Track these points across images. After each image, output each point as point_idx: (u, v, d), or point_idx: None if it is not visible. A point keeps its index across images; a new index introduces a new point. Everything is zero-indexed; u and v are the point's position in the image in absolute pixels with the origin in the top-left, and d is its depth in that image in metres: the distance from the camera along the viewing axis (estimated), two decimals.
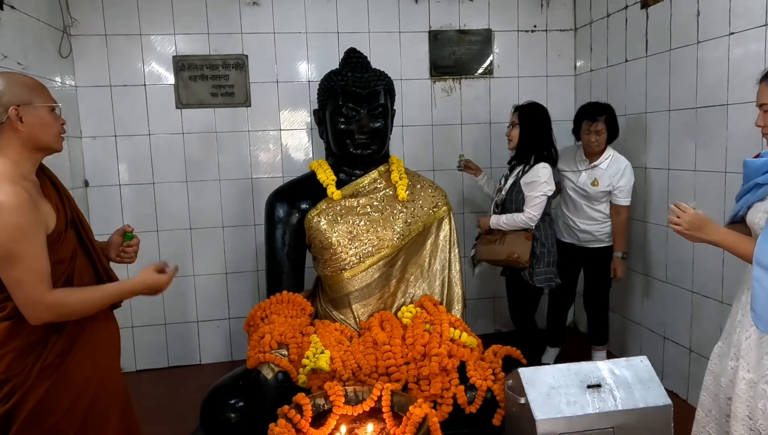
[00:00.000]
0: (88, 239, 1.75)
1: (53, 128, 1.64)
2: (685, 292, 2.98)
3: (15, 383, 1.57)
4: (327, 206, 2.66)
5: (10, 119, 1.54)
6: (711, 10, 2.67)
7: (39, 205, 1.56)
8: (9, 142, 1.56)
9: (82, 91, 3.48)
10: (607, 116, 3.06)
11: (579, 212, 3.22)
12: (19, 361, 1.57)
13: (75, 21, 3.41)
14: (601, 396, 1.96)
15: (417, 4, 3.78)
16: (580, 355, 3.32)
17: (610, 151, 3.13)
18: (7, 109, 1.54)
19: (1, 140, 1.56)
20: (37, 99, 1.60)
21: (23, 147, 1.58)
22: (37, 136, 1.59)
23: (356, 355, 2.36)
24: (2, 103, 1.54)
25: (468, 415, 2.26)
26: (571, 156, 3.26)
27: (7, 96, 1.55)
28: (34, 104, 1.59)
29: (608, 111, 3.09)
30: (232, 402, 2.21)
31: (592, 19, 3.74)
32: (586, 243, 3.24)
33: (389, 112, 2.77)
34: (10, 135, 1.56)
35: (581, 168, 3.18)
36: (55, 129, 1.65)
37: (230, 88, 3.64)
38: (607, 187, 3.09)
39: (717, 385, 1.85)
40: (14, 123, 1.54)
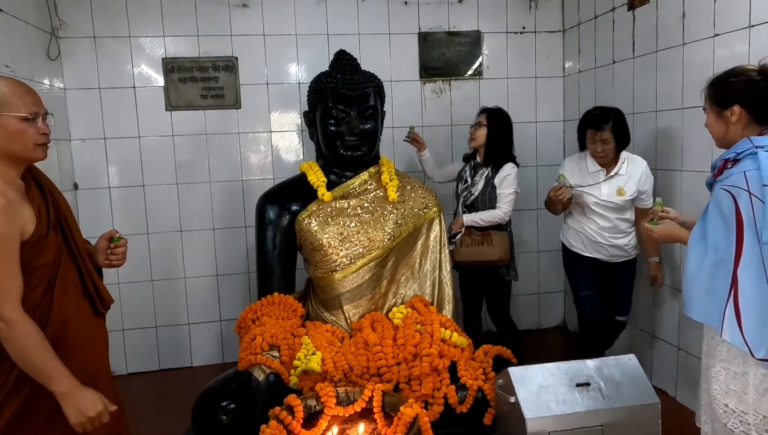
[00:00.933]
0: (74, 243, 1.73)
1: (24, 138, 1.57)
2: (674, 290, 3.01)
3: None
4: (317, 208, 2.67)
5: None
6: (696, 12, 2.70)
7: (18, 210, 1.54)
8: None
9: (71, 94, 3.47)
10: (615, 123, 2.77)
11: (610, 227, 2.89)
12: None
13: (63, 23, 3.39)
14: (590, 394, 1.98)
15: (406, 5, 3.79)
16: (570, 354, 3.35)
17: (623, 153, 2.88)
18: None
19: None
20: (6, 109, 1.54)
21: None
22: (5, 146, 1.55)
23: (347, 356, 2.36)
24: None
25: (459, 414, 2.27)
26: (581, 169, 2.94)
27: None
28: (1, 114, 1.54)
29: (615, 117, 2.80)
30: (224, 404, 2.20)
31: (580, 21, 3.77)
32: (613, 258, 2.96)
33: (379, 114, 2.78)
34: None
35: (599, 179, 2.87)
36: (27, 139, 1.58)
37: (220, 90, 3.64)
38: (634, 194, 2.83)
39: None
40: None
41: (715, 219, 1.68)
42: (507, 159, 3.15)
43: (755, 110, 1.74)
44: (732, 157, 1.71)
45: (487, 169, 3.14)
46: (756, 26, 2.36)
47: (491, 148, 3.14)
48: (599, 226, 2.90)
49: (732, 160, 1.71)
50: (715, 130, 1.85)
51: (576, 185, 2.91)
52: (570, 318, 4.20)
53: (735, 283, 1.60)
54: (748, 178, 1.61)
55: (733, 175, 1.66)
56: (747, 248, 1.58)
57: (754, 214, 1.58)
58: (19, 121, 1.56)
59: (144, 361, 3.69)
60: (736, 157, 1.70)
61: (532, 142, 4.05)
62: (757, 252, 1.57)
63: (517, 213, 3.96)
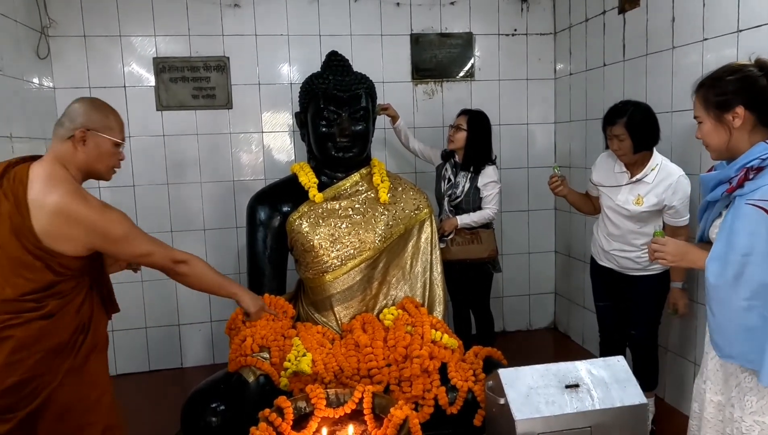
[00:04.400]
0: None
1: (109, 161, 1.78)
2: None
3: (41, 383, 1.62)
4: (309, 209, 2.67)
5: (75, 138, 1.69)
6: (685, 17, 2.72)
7: None
8: (70, 157, 1.71)
9: (61, 93, 3.44)
10: (630, 118, 2.49)
11: (618, 236, 2.63)
12: (46, 361, 1.63)
13: (53, 22, 3.37)
14: (579, 396, 1.99)
15: (399, 7, 3.80)
16: (560, 356, 3.37)
17: (657, 159, 2.53)
18: (77, 128, 1.69)
19: (66, 153, 1.70)
20: (106, 131, 1.75)
21: (78, 166, 1.72)
22: (91, 162, 1.74)
23: (338, 358, 2.36)
24: (76, 122, 1.70)
25: (449, 415, 2.28)
26: (609, 167, 2.69)
27: (82, 118, 1.71)
28: (102, 134, 1.73)
29: (634, 111, 2.51)
30: (213, 406, 2.20)
31: (571, 24, 3.79)
32: (625, 270, 2.67)
33: (370, 115, 2.79)
34: (72, 152, 1.71)
35: (622, 182, 2.59)
36: (111, 162, 1.79)
37: (211, 90, 3.63)
38: (654, 207, 2.49)
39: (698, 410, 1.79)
40: (77, 143, 1.70)
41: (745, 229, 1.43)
42: (486, 161, 3.19)
43: (760, 110, 1.51)
44: (756, 164, 1.45)
45: (468, 173, 3.17)
46: (744, 31, 2.38)
47: (471, 151, 3.17)
48: (607, 232, 2.68)
49: (756, 168, 1.46)
50: (714, 140, 1.58)
51: (599, 184, 2.71)
52: (560, 319, 4.22)
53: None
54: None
55: (763, 188, 1.42)
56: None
57: None
58: (113, 145, 1.77)
59: (134, 362, 3.67)
60: (760, 165, 1.45)
61: (523, 144, 4.07)
62: None
63: (507, 214, 3.99)
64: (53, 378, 1.64)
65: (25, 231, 1.59)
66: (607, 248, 2.70)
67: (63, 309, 1.66)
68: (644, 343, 2.73)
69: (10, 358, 1.59)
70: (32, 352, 1.61)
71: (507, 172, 3.87)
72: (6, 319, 1.59)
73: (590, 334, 3.73)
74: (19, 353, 1.60)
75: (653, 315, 2.65)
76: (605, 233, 2.70)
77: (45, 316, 1.63)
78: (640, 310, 2.68)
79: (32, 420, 1.63)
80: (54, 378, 1.64)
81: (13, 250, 1.59)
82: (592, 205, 2.87)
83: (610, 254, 2.69)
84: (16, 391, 1.60)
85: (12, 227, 1.59)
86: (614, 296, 2.78)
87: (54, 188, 1.62)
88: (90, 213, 1.63)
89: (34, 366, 1.61)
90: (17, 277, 1.60)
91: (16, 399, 1.61)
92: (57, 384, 1.65)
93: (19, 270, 1.60)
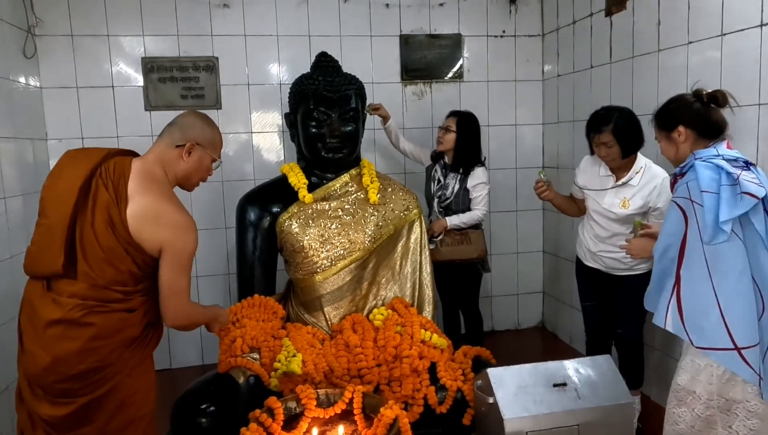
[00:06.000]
0: None
1: (203, 175, 1.91)
2: None
3: (109, 373, 1.69)
4: (298, 210, 2.67)
5: (184, 148, 1.81)
6: (671, 20, 2.76)
7: None
8: (174, 164, 1.83)
9: (48, 93, 3.41)
10: (617, 124, 2.51)
11: (606, 238, 2.66)
12: (119, 352, 1.70)
13: (40, 21, 3.34)
14: (566, 394, 2.02)
15: (388, 8, 3.81)
16: (548, 355, 3.40)
17: (641, 161, 2.58)
18: (188, 140, 1.82)
19: (171, 159, 1.82)
20: (211, 148, 1.89)
21: (176, 173, 1.84)
22: (189, 173, 1.85)
23: (328, 358, 2.37)
24: (188, 134, 1.83)
25: (439, 415, 2.30)
26: (594, 171, 2.72)
27: (195, 132, 1.84)
28: (206, 149, 1.86)
29: (619, 117, 2.54)
30: (203, 407, 2.20)
31: (559, 26, 3.82)
32: (612, 270, 2.70)
33: (360, 116, 2.80)
34: (177, 160, 1.82)
35: (607, 186, 2.63)
36: (203, 176, 1.92)
37: (200, 91, 3.62)
38: (640, 209, 2.54)
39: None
40: (184, 153, 1.81)
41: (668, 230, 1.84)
42: (475, 162, 3.21)
43: (696, 127, 1.93)
44: (679, 171, 1.89)
45: (458, 174, 3.19)
46: (727, 34, 2.42)
47: (460, 153, 3.19)
48: (594, 234, 2.71)
49: (679, 174, 1.89)
50: (668, 153, 2.03)
51: (584, 187, 2.76)
52: (548, 318, 4.25)
53: (678, 281, 1.77)
54: (690, 188, 1.78)
55: (680, 187, 1.83)
56: (689, 250, 1.76)
57: (696, 218, 1.74)
58: (212, 161, 1.91)
59: None
60: (681, 172, 1.87)
61: (511, 145, 4.10)
62: (700, 253, 1.73)
63: (495, 214, 4.01)
64: (121, 369, 1.71)
65: (118, 223, 1.67)
66: (593, 249, 2.73)
67: (144, 305, 1.76)
68: (630, 341, 2.76)
69: (88, 344, 1.65)
70: (109, 341, 1.68)
71: (495, 173, 3.89)
72: (93, 305, 1.66)
73: (578, 333, 3.77)
74: (98, 341, 1.66)
75: (639, 314, 2.66)
76: (592, 235, 2.73)
77: (128, 310, 1.72)
78: (626, 310, 2.71)
79: (91, 407, 1.69)
80: (122, 369, 1.71)
81: (107, 240, 1.66)
82: (577, 208, 2.91)
83: (597, 255, 2.72)
84: (85, 376, 1.66)
85: (108, 217, 1.66)
86: (600, 296, 2.82)
87: (151, 187, 1.72)
88: (182, 221, 1.74)
89: (107, 355, 1.68)
90: (108, 265, 1.67)
91: (83, 384, 1.67)
92: (123, 376, 1.72)
93: (111, 259, 1.67)
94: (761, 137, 2.28)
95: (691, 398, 1.85)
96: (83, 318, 1.64)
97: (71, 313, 1.63)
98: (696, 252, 1.74)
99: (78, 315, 1.64)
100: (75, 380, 1.65)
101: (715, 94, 1.94)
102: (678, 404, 1.89)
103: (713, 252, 1.71)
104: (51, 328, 1.64)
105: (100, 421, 1.69)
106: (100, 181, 1.68)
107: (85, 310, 1.64)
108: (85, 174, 1.67)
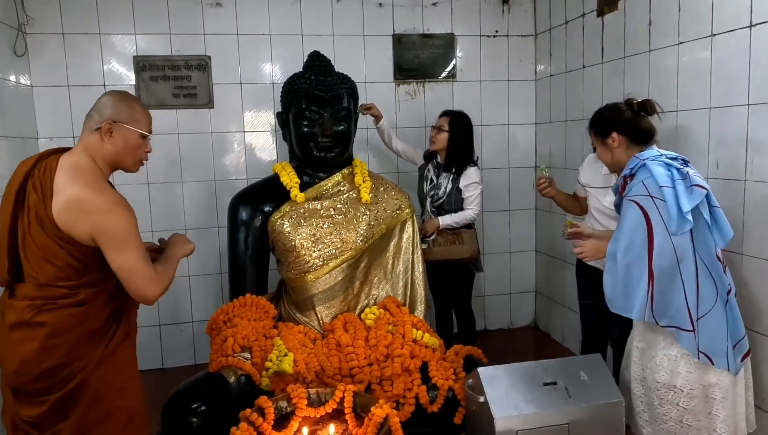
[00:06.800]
0: None
1: (135, 153, 1.82)
2: None
3: (75, 368, 1.70)
4: (290, 209, 2.67)
5: (102, 130, 1.74)
6: (662, 20, 2.77)
7: None
8: (98, 149, 1.76)
9: (39, 91, 3.40)
10: None
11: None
12: (81, 346, 1.71)
13: (31, 19, 3.32)
14: (556, 393, 2.03)
15: (381, 8, 3.81)
16: (541, 354, 3.41)
17: None
18: (104, 120, 1.74)
19: (94, 144, 1.76)
20: (133, 123, 1.79)
21: (105, 158, 1.77)
22: (118, 154, 1.78)
23: (320, 358, 2.37)
24: (103, 113, 1.76)
25: (430, 414, 2.30)
26: (596, 169, 2.71)
27: (110, 110, 1.76)
28: (128, 126, 1.77)
29: None
30: (194, 406, 2.19)
31: (551, 26, 3.83)
32: None
33: (352, 116, 2.80)
34: (100, 143, 1.76)
35: (609, 183, 2.62)
36: (137, 154, 1.83)
37: (193, 90, 3.61)
38: None
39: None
40: (104, 135, 1.74)
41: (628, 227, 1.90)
42: (468, 162, 3.21)
43: (629, 133, 2.08)
44: (628, 173, 1.98)
45: (450, 174, 3.20)
46: (717, 35, 2.43)
47: (452, 153, 3.20)
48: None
49: (629, 175, 1.98)
50: (604, 157, 2.17)
51: (587, 185, 2.76)
52: (541, 318, 4.27)
53: (651, 275, 1.85)
54: (647, 185, 1.88)
55: (634, 187, 1.92)
56: (657, 243, 1.84)
57: (659, 213, 1.84)
58: (139, 137, 1.81)
59: None
60: (631, 173, 1.97)
61: (504, 145, 4.10)
62: (668, 244, 1.84)
63: (489, 214, 4.02)
64: (87, 363, 1.72)
65: (45, 218, 1.66)
66: None
67: (96, 298, 1.74)
68: (626, 340, 2.77)
69: (46, 342, 1.67)
70: (67, 337, 1.69)
71: (488, 173, 3.90)
72: (41, 304, 1.68)
73: (570, 332, 3.79)
74: (55, 338, 1.68)
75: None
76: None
77: (77, 304, 1.71)
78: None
79: (65, 404, 1.71)
80: (88, 363, 1.72)
81: (40, 238, 1.67)
82: (580, 206, 2.90)
83: None
84: (51, 374, 1.69)
85: (37, 216, 1.67)
86: (599, 295, 2.79)
87: (76, 178, 1.68)
88: (101, 203, 1.67)
89: (69, 351, 1.69)
90: (47, 263, 1.67)
91: (51, 383, 1.69)
92: (90, 369, 1.72)
93: (47, 256, 1.67)
94: (750, 137, 2.30)
95: (672, 394, 1.93)
96: (34, 318, 1.68)
97: (23, 314, 1.68)
98: (665, 243, 1.84)
99: (29, 316, 1.68)
100: (42, 379, 1.69)
101: (644, 104, 2.10)
102: (661, 403, 1.96)
103: (678, 243, 1.84)
104: (13, 331, 1.70)
105: (76, 416, 1.72)
106: (30, 184, 1.70)
107: (34, 309, 1.68)
108: (20, 180, 1.71)
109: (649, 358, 1.99)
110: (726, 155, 2.43)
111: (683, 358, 1.91)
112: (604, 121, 2.15)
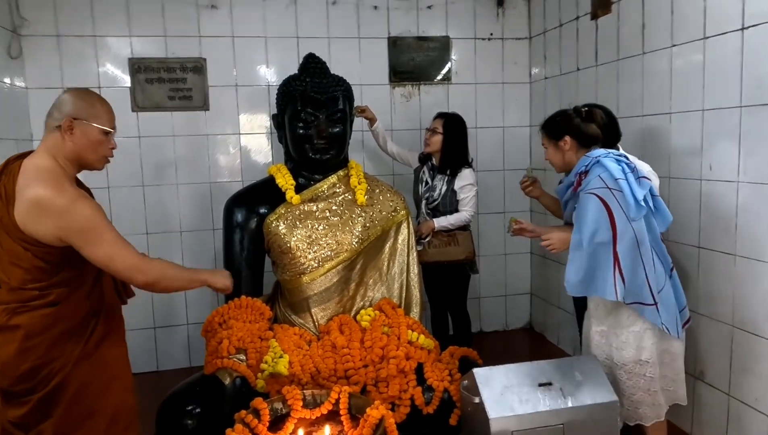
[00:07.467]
0: None
1: (98, 150, 1.79)
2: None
3: (54, 367, 1.71)
4: (286, 211, 2.67)
5: (62, 127, 1.71)
6: (655, 24, 2.79)
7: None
8: (59, 147, 1.73)
9: (33, 93, 3.39)
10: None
11: None
12: (59, 346, 1.72)
13: (25, 21, 3.32)
14: (551, 394, 2.04)
15: (376, 10, 3.82)
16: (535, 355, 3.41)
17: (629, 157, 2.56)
18: (64, 117, 1.71)
19: (55, 143, 1.73)
20: (93, 119, 1.75)
21: (67, 156, 1.74)
22: (80, 151, 1.75)
23: (315, 359, 2.37)
24: (63, 111, 1.73)
25: (425, 415, 2.30)
26: None
27: (69, 107, 1.74)
28: (89, 122, 1.74)
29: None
30: (189, 408, 2.19)
31: (545, 29, 3.85)
32: None
33: (348, 118, 2.80)
34: (61, 141, 1.73)
35: None
36: (100, 151, 1.80)
37: (188, 92, 3.61)
38: None
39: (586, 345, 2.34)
40: (64, 132, 1.71)
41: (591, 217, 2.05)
42: (462, 164, 3.22)
43: (577, 137, 2.28)
44: (583, 169, 2.18)
45: (445, 176, 3.21)
46: (710, 38, 2.45)
47: (447, 154, 3.21)
48: None
49: (584, 172, 2.17)
50: (555, 159, 2.35)
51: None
52: (536, 319, 4.28)
53: (617, 257, 2.02)
54: (604, 179, 2.07)
55: (591, 181, 2.10)
56: (620, 229, 2.02)
57: (618, 202, 2.03)
58: (100, 133, 1.77)
59: None
60: (586, 169, 2.16)
61: (499, 147, 4.12)
62: (629, 229, 2.02)
63: (483, 216, 4.03)
64: (66, 363, 1.72)
65: (8, 222, 1.66)
66: None
67: (69, 297, 1.73)
68: None
69: (23, 344, 1.68)
70: (42, 338, 1.69)
71: (483, 175, 3.91)
72: (15, 307, 1.69)
73: (565, 333, 3.80)
74: (31, 340, 1.68)
75: None
76: None
77: (49, 304, 1.70)
78: None
79: (47, 403, 1.72)
80: (67, 363, 1.72)
81: (6, 243, 1.67)
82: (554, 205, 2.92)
83: None
84: (31, 376, 1.70)
85: (1, 221, 1.67)
86: None
87: (37, 179, 1.66)
88: (61, 202, 1.65)
89: (46, 351, 1.70)
90: (14, 266, 1.68)
91: (32, 384, 1.71)
92: (70, 369, 1.73)
93: (14, 260, 1.67)
94: (743, 138, 2.32)
95: (639, 367, 2.13)
96: (9, 321, 1.69)
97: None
98: (626, 229, 2.03)
99: (5, 319, 1.69)
100: (24, 380, 1.71)
101: (592, 111, 2.30)
102: (630, 377, 2.14)
103: (637, 227, 2.05)
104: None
105: (57, 415, 1.73)
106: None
107: (8, 313, 1.69)
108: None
109: (614, 338, 2.17)
110: (719, 157, 2.44)
111: (646, 332, 2.12)
112: (558, 125, 2.33)
